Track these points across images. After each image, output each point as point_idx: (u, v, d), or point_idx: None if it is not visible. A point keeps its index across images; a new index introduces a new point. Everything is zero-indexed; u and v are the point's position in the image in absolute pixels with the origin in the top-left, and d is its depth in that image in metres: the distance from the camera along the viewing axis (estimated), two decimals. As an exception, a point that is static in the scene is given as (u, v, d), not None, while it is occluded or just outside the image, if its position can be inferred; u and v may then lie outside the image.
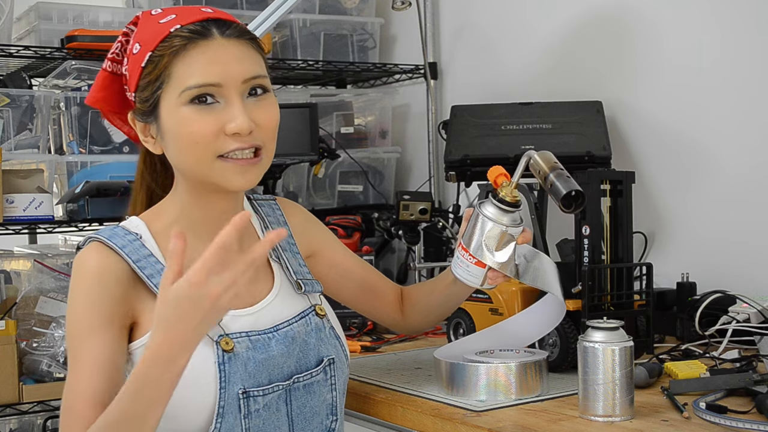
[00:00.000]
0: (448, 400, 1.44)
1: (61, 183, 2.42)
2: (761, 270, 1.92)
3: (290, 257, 1.46)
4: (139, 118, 1.33)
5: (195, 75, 1.27)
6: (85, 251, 1.31)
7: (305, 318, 1.39)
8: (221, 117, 1.27)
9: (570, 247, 1.94)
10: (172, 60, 1.27)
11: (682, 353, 1.70)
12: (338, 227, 2.36)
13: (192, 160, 1.29)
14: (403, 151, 2.89)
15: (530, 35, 2.46)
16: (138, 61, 1.30)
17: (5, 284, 2.33)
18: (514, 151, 1.93)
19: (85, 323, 1.27)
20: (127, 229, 1.33)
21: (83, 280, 1.29)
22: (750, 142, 1.96)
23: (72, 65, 2.37)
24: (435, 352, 1.54)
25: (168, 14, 1.32)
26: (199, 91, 1.27)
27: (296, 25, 2.69)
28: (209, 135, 1.27)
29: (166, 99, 1.28)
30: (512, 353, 1.51)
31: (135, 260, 1.29)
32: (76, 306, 1.28)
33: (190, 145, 1.28)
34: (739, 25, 1.98)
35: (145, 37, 1.31)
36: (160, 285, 1.14)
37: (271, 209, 1.51)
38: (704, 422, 1.26)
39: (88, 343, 1.26)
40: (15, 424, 2.53)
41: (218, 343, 1.28)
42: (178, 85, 1.27)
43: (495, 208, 1.39)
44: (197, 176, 1.32)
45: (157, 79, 1.28)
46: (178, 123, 1.28)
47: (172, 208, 1.37)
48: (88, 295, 1.27)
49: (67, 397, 1.26)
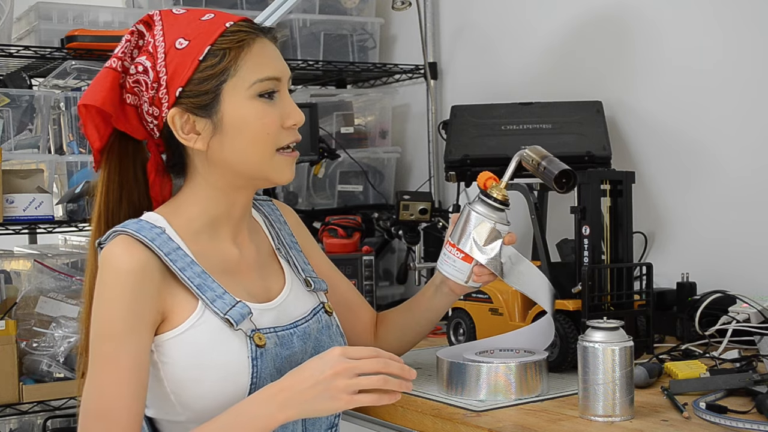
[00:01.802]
0: (448, 400, 1.45)
1: (61, 183, 2.42)
2: (761, 270, 1.92)
3: (296, 255, 1.47)
4: (193, 112, 1.30)
5: (263, 68, 1.30)
6: (114, 247, 1.26)
7: (317, 315, 1.41)
8: (279, 111, 1.32)
9: (570, 247, 1.94)
10: (240, 53, 1.29)
11: (682, 353, 1.70)
12: (338, 227, 2.36)
13: (255, 154, 1.31)
14: (403, 151, 2.89)
15: (530, 35, 2.46)
16: (191, 55, 1.28)
17: (5, 284, 2.33)
18: (514, 151, 1.92)
19: (121, 324, 1.23)
20: (152, 223, 1.30)
21: (117, 279, 1.24)
22: (750, 142, 1.96)
23: (72, 65, 2.37)
24: (438, 352, 1.54)
25: (204, 12, 1.33)
26: (269, 84, 1.30)
27: (296, 25, 2.69)
28: (275, 127, 1.31)
29: (230, 92, 1.29)
30: (512, 353, 1.51)
31: (166, 253, 1.27)
32: (110, 305, 1.24)
33: (260, 138, 1.30)
34: (741, 26, 1.97)
35: (190, 32, 1.30)
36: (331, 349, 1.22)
37: (271, 209, 1.52)
38: (704, 422, 1.26)
39: (124, 345, 1.23)
40: (15, 424, 2.53)
41: (251, 338, 1.28)
42: (247, 77, 1.29)
43: (484, 205, 1.44)
44: (253, 170, 1.32)
45: (223, 72, 1.28)
46: (245, 115, 1.29)
47: (192, 204, 1.35)
48: (124, 294, 1.24)
49: (97, 400, 1.23)
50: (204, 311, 1.28)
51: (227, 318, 1.27)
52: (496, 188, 1.44)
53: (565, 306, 1.62)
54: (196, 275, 1.29)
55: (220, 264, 1.34)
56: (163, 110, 1.31)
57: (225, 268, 1.34)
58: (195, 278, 1.29)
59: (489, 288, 1.77)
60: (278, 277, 1.42)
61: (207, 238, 1.35)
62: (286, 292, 1.40)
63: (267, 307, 1.35)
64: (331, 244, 2.34)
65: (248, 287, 1.36)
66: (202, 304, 1.28)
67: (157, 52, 1.30)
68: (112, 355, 1.23)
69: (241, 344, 1.28)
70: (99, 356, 1.24)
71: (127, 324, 1.23)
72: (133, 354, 1.23)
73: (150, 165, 1.38)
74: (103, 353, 1.24)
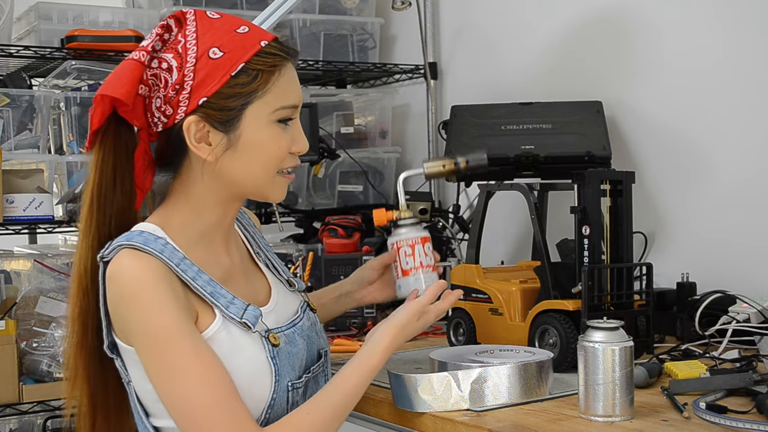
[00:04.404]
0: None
1: (61, 183, 2.42)
2: (761, 270, 1.92)
3: (273, 257, 1.51)
4: (211, 124, 1.29)
5: (291, 95, 1.33)
6: (124, 260, 1.25)
7: (306, 313, 1.45)
8: (291, 136, 1.34)
9: (570, 247, 1.94)
10: (270, 77, 1.30)
11: (682, 353, 1.70)
12: (338, 227, 2.36)
13: (260, 174, 1.33)
14: (403, 151, 2.89)
15: (530, 35, 2.46)
16: (224, 68, 1.28)
17: (5, 284, 2.33)
18: (514, 151, 1.93)
19: (177, 323, 1.24)
20: (155, 234, 1.29)
21: (147, 286, 1.24)
22: (750, 142, 1.96)
23: (72, 65, 2.37)
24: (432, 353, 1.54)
25: (242, 24, 1.32)
26: (290, 111, 1.33)
27: (296, 25, 2.69)
28: (285, 152, 1.34)
29: (255, 112, 1.30)
30: (512, 353, 1.51)
31: (176, 264, 1.28)
32: (156, 311, 1.23)
33: (269, 160, 1.32)
34: (741, 27, 1.97)
35: (225, 43, 1.29)
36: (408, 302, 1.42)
37: (242, 215, 1.54)
38: (704, 422, 1.26)
39: (189, 342, 1.24)
40: (15, 424, 2.53)
41: (267, 338, 1.31)
42: (273, 101, 1.30)
43: (412, 226, 1.52)
44: (252, 188, 1.35)
45: (253, 93, 1.29)
46: (263, 138, 1.31)
47: (184, 213, 1.35)
48: (161, 297, 1.24)
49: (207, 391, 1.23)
50: (223, 319, 1.29)
51: (244, 321, 1.30)
52: (403, 211, 1.52)
53: (565, 306, 1.62)
54: (206, 284, 1.30)
55: (219, 272, 1.35)
56: (178, 112, 1.30)
57: (223, 276, 1.36)
58: (206, 287, 1.30)
59: (489, 288, 1.77)
60: (262, 281, 1.45)
61: (202, 248, 1.36)
62: (275, 294, 1.43)
63: (267, 309, 1.38)
64: (331, 244, 2.34)
65: (243, 293, 1.37)
66: (218, 312, 1.29)
67: (188, 54, 1.29)
68: (191, 351, 1.23)
69: (260, 346, 1.31)
70: (178, 356, 1.23)
71: (183, 321, 1.24)
72: (202, 346, 1.25)
73: (138, 152, 1.35)
74: (180, 353, 1.23)
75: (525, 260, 2.02)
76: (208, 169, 1.33)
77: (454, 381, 1.38)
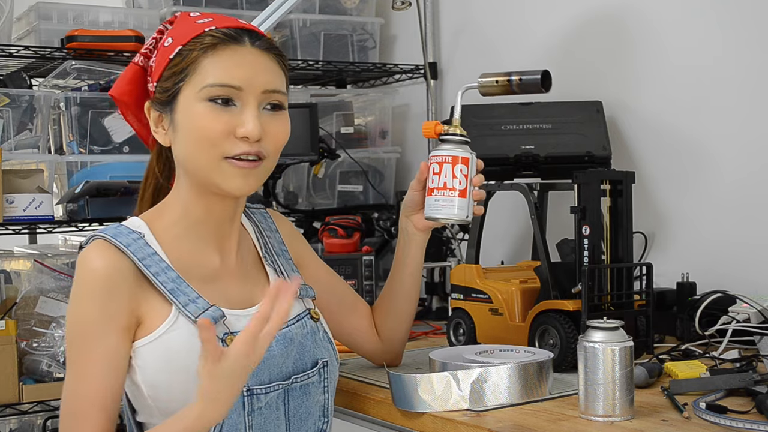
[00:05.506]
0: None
1: (61, 183, 2.42)
2: (761, 270, 1.92)
3: (284, 263, 1.48)
4: (155, 107, 1.35)
5: (219, 74, 1.30)
6: (89, 250, 1.30)
7: (302, 321, 1.41)
8: (234, 120, 1.30)
9: (570, 247, 1.94)
10: (201, 56, 1.30)
11: (682, 353, 1.70)
12: (338, 227, 2.36)
13: (199, 157, 1.31)
14: (403, 151, 2.89)
15: (530, 35, 2.46)
16: (167, 53, 1.33)
17: (5, 284, 2.33)
18: (514, 151, 1.93)
19: (92, 324, 1.26)
20: (131, 228, 1.33)
21: (90, 281, 1.28)
22: (751, 142, 1.96)
23: (72, 65, 2.37)
24: (431, 353, 1.54)
25: (206, 17, 1.36)
26: (219, 90, 1.30)
27: (296, 25, 2.69)
28: (219, 133, 1.29)
29: (186, 92, 1.31)
30: (512, 353, 1.51)
31: (140, 258, 1.29)
32: (82, 306, 1.28)
33: (200, 141, 1.30)
34: (741, 27, 1.97)
35: (178, 33, 1.34)
36: (201, 364, 1.16)
37: (263, 217, 1.53)
38: (704, 422, 1.26)
39: (95, 345, 1.25)
40: (15, 424, 2.53)
41: (224, 341, 1.29)
42: (200, 80, 1.30)
43: (453, 144, 1.45)
44: (201, 176, 1.32)
45: (182, 72, 1.31)
46: (192, 117, 1.30)
47: (174, 208, 1.37)
48: (95, 295, 1.27)
49: (70, 401, 1.26)
50: (177, 316, 1.29)
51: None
52: (452, 127, 1.45)
53: (565, 306, 1.62)
54: (170, 280, 1.30)
55: (199, 271, 1.35)
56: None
57: (203, 275, 1.35)
58: (168, 283, 1.30)
59: (489, 288, 1.77)
60: (263, 284, 1.43)
61: (188, 244, 1.36)
62: None
63: (244, 313, 1.35)
64: (331, 244, 2.34)
65: (228, 294, 1.36)
66: (175, 308, 1.29)
67: (158, 48, 1.37)
68: (81, 355, 1.26)
69: None
70: (71, 357, 1.28)
71: (98, 325, 1.26)
72: (102, 355, 1.26)
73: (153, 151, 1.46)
74: (73, 353, 1.27)
75: (525, 260, 2.02)
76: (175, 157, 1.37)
77: (454, 381, 1.38)
